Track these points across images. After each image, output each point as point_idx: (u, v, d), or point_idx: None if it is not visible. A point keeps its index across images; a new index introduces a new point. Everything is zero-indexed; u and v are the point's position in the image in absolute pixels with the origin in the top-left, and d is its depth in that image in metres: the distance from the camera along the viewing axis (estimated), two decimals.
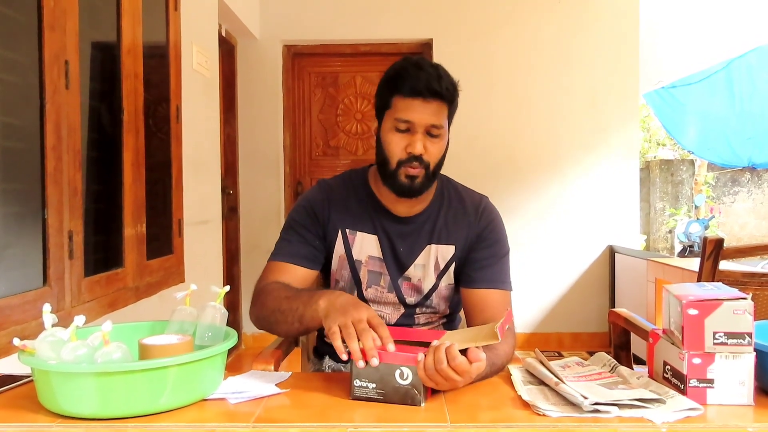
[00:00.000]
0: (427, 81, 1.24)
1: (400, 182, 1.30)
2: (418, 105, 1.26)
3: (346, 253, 1.38)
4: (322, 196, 1.40)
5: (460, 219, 1.40)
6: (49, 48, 1.44)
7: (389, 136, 1.29)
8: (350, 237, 1.38)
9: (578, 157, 4.14)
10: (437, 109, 1.27)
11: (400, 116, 1.27)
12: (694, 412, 0.88)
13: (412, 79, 1.25)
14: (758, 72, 5.55)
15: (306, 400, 0.98)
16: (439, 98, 1.26)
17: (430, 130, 1.28)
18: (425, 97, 1.25)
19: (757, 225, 7.84)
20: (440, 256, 1.38)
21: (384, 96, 1.31)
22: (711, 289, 0.98)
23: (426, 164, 1.29)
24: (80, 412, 0.87)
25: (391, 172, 1.30)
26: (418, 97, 1.25)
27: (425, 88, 1.24)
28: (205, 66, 2.89)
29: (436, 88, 1.25)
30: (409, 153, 1.27)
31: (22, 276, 1.38)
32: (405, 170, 1.28)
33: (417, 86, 1.24)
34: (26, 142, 1.41)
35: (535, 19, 4.10)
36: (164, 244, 2.15)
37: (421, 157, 1.28)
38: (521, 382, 1.03)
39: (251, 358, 1.42)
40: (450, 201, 1.42)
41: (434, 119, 1.27)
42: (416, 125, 1.27)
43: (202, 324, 1.06)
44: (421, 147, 1.27)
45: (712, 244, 1.70)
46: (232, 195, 4.00)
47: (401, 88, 1.26)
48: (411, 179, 1.29)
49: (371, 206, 1.39)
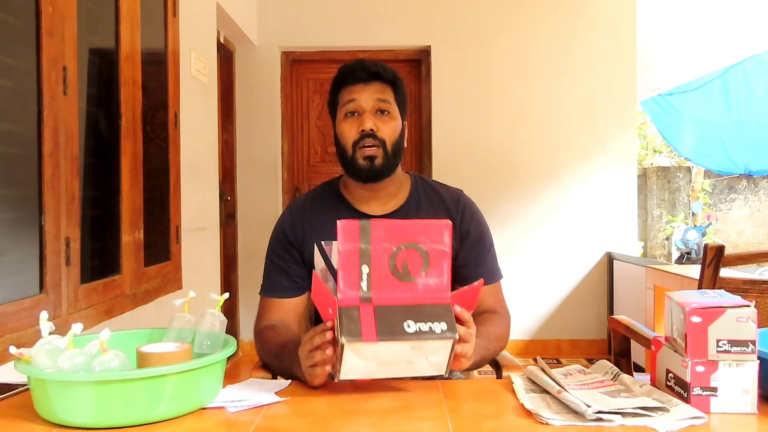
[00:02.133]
0: (363, 66, 1.34)
1: (359, 166, 1.32)
2: (360, 88, 1.34)
3: (326, 264, 1.38)
4: (291, 218, 1.41)
5: (442, 215, 1.40)
6: (47, 54, 1.43)
7: (341, 125, 1.35)
8: (326, 248, 1.38)
9: (576, 165, 4.15)
10: (380, 89, 1.34)
11: (346, 99, 1.34)
12: (698, 420, 0.88)
13: (352, 69, 1.35)
14: (754, 80, 5.57)
15: (306, 408, 0.97)
16: (378, 79, 1.34)
17: (378, 106, 1.33)
18: (366, 81, 1.33)
19: (753, 232, 7.86)
20: None
21: (332, 96, 1.39)
22: (714, 297, 0.98)
23: (381, 141, 1.32)
24: (77, 421, 0.86)
25: (350, 158, 1.33)
26: (359, 83, 1.34)
27: (363, 71, 1.34)
28: (204, 72, 2.89)
29: (372, 69, 1.34)
30: (362, 131, 1.31)
31: (19, 283, 1.37)
32: (362, 152, 1.31)
33: (355, 73, 1.34)
34: (24, 148, 1.41)
35: (532, 27, 4.11)
36: (162, 250, 2.13)
37: (375, 134, 1.31)
38: (523, 390, 1.03)
39: (249, 365, 1.41)
40: (427, 197, 1.43)
41: (379, 95, 1.33)
42: (362, 105, 1.33)
43: (201, 331, 1.05)
44: (371, 123, 1.32)
45: (713, 251, 1.69)
46: (229, 201, 3.99)
47: (344, 82, 1.35)
48: (370, 160, 1.31)
49: (344, 212, 1.39)
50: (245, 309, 4.02)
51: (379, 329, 0.92)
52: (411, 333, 0.93)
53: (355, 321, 0.93)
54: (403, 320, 0.94)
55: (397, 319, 0.94)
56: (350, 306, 0.94)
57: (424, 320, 0.94)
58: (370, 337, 0.92)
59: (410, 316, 0.94)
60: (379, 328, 0.92)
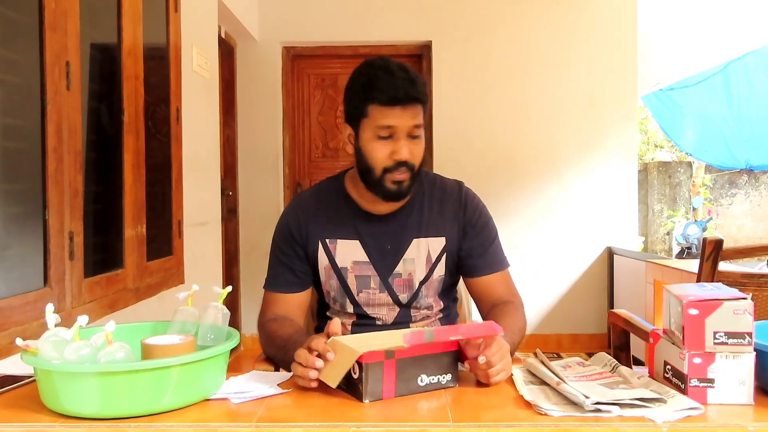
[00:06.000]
0: (403, 88, 1.24)
1: (387, 189, 1.30)
2: (397, 112, 1.26)
3: (330, 263, 1.39)
4: (296, 214, 1.41)
5: (446, 210, 1.41)
6: (50, 49, 1.44)
7: (371, 144, 1.29)
8: (331, 246, 1.39)
9: (576, 159, 4.15)
10: (415, 112, 1.28)
11: (382, 124, 1.27)
12: (694, 411, 0.89)
13: (388, 87, 1.24)
14: (755, 74, 5.56)
15: (308, 399, 0.98)
16: (416, 102, 1.27)
17: (411, 132, 1.28)
18: (404, 104, 1.25)
19: (754, 227, 7.86)
20: (431, 249, 1.39)
21: (357, 105, 1.30)
22: (711, 290, 0.99)
23: (411, 167, 1.30)
24: (83, 412, 0.87)
25: (377, 180, 1.30)
26: (396, 105, 1.25)
27: (404, 96, 1.25)
28: (205, 67, 2.90)
29: (413, 95, 1.25)
30: (396, 160, 1.28)
31: (23, 277, 1.38)
32: (392, 176, 1.29)
33: (395, 95, 1.24)
34: (27, 143, 1.42)
35: (533, 21, 4.11)
36: (164, 245, 2.15)
37: (407, 161, 1.28)
38: (522, 381, 1.04)
39: (251, 359, 1.42)
40: (431, 192, 1.43)
41: (415, 121, 1.28)
42: (399, 131, 1.27)
43: (205, 324, 1.06)
44: (407, 152, 1.28)
45: (711, 244, 1.70)
46: (231, 196, 4.00)
47: (377, 98, 1.26)
48: (398, 184, 1.30)
49: (350, 211, 1.40)
50: (247, 303, 4.04)
51: (398, 387, 0.99)
52: (423, 386, 1.01)
53: (378, 379, 0.97)
54: (417, 375, 1.01)
55: (413, 374, 1.00)
56: (375, 362, 0.97)
57: (434, 374, 1.02)
58: (390, 394, 0.99)
59: (423, 369, 1.01)
60: (398, 387, 0.99)
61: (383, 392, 0.98)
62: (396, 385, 0.98)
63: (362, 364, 0.96)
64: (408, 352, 0.99)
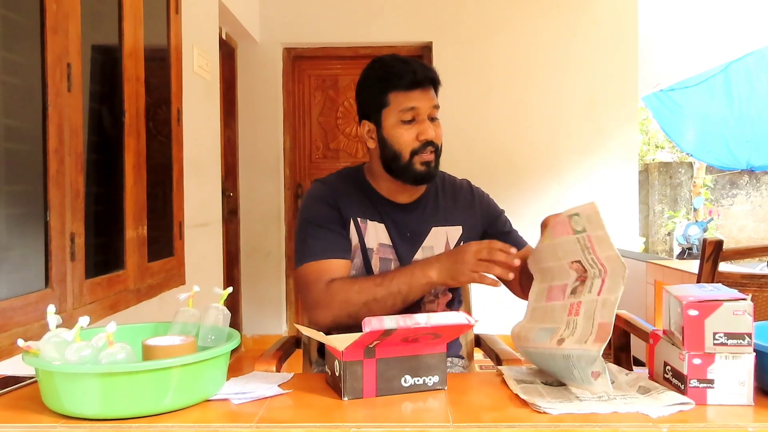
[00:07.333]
0: (421, 71, 1.32)
1: (416, 171, 1.34)
2: (418, 94, 1.32)
3: (360, 242, 1.39)
4: (329, 190, 1.41)
5: (460, 201, 1.48)
6: (52, 51, 1.44)
7: (396, 130, 1.34)
8: (362, 225, 1.40)
9: (577, 160, 4.15)
10: (433, 95, 1.35)
11: (405, 107, 1.32)
12: (685, 406, 0.90)
13: (406, 72, 1.31)
14: (756, 75, 5.57)
15: (309, 400, 0.99)
16: (433, 84, 1.35)
17: (432, 113, 1.34)
18: (423, 87, 1.33)
19: (755, 227, 7.86)
20: (449, 236, 1.44)
21: (377, 96, 1.35)
22: (711, 290, 0.99)
23: (437, 146, 1.35)
24: (84, 412, 0.87)
25: (405, 164, 1.34)
26: (417, 88, 1.32)
27: (424, 78, 1.32)
28: (206, 69, 2.90)
29: (432, 76, 1.34)
30: (423, 140, 1.33)
31: (24, 278, 1.39)
32: (420, 158, 1.34)
33: (415, 78, 1.31)
34: (29, 144, 1.42)
35: (534, 22, 4.12)
36: (165, 246, 2.15)
37: (433, 141, 1.34)
38: (514, 381, 1.04)
39: (251, 360, 1.42)
40: (443, 186, 1.49)
41: (434, 101, 1.35)
42: (422, 112, 1.33)
43: (205, 325, 1.06)
44: (433, 132, 1.33)
45: (711, 245, 1.70)
46: (232, 197, 4.00)
47: (398, 85, 1.32)
48: (427, 165, 1.34)
49: (373, 197, 1.42)
50: (248, 304, 4.04)
51: (379, 387, 0.99)
52: (407, 387, 1.00)
53: (358, 379, 0.97)
54: (401, 375, 1.00)
55: (396, 374, 0.99)
56: (354, 360, 0.97)
57: (419, 375, 1.00)
58: (370, 393, 0.98)
59: (407, 370, 1.00)
60: (379, 386, 0.99)
61: (363, 391, 0.97)
62: (377, 385, 0.98)
63: (342, 362, 0.97)
64: (387, 351, 0.98)
